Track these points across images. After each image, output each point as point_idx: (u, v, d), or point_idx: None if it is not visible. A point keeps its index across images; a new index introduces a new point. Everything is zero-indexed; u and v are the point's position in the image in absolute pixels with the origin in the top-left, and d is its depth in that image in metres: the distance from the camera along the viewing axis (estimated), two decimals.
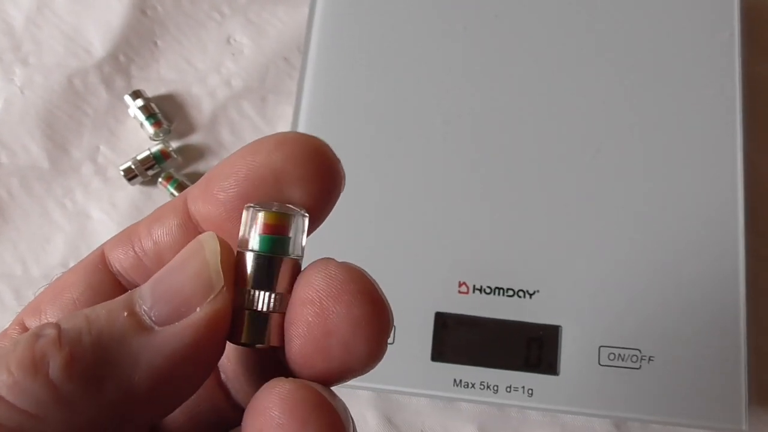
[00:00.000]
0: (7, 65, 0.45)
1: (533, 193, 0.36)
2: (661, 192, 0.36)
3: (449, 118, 0.38)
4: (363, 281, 0.16)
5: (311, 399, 0.15)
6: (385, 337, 0.16)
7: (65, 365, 0.15)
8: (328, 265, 0.16)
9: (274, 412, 0.15)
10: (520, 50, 0.39)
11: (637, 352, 0.34)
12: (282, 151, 0.17)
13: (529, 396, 0.34)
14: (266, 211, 0.17)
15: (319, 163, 0.17)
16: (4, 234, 0.42)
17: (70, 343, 0.15)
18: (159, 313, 0.16)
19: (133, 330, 0.15)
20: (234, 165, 0.17)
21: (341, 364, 0.16)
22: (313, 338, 0.16)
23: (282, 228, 0.17)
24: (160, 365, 0.15)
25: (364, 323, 0.16)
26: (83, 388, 0.15)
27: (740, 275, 0.35)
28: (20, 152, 0.43)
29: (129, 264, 0.18)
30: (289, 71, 0.45)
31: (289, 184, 0.17)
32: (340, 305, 0.16)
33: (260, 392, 0.16)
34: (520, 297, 0.35)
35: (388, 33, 0.39)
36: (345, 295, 0.16)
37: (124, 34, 0.45)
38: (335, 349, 0.16)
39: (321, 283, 0.16)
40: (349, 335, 0.16)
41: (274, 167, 0.17)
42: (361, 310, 0.16)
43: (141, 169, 0.42)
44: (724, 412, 0.33)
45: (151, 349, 0.15)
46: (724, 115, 0.37)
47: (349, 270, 0.16)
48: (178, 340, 0.15)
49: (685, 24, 0.39)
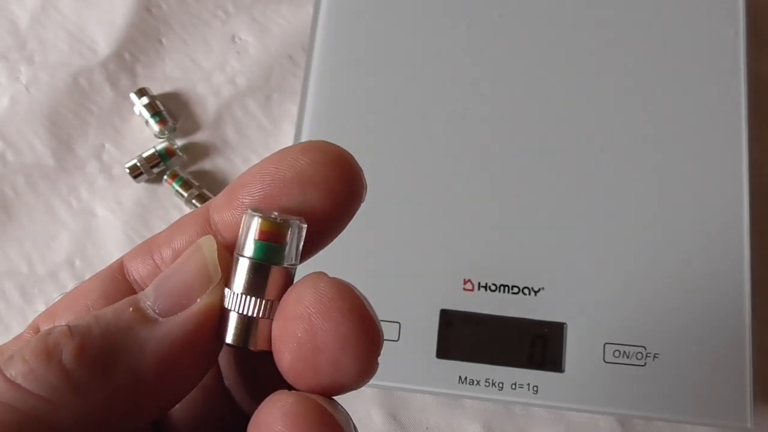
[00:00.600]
0: (13, 64, 0.45)
1: (538, 192, 0.36)
2: (666, 190, 0.36)
3: (454, 116, 0.38)
4: (352, 298, 0.16)
5: (313, 412, 0.15)
6: (374, 355, 0.16)
7: (77, 352, 0.16)
8: (318, 280, 0.17)
9: (278, 427, 0.15)
10: (524, 49, 0.39)
11: (642, 350, 0.34)
12: (307, 156, 0.17)
13: (534, 393, 0.34)
14: (263, 219, 0.17)
15: (342, 169, 0.17)
16: (10, 232, 0.42)
17: (80, 333, 0.16)
18: (162, 305, 0.17)
19: (138, 321, 0.16)
20: (260, 171, 0.18)
21: (332, 381, 0.16)
22: (303, 354, 0.16)
23: (278, 236, 0.17)
24: (164, 352, 0.16)
25: (352, 341, 0.16)
26: (94, 373, 0.16)
27: (745, 273, 0.35)
28: (26, 150, 0.43)
29: (147, 273, 0.19)
30: (294, 70, 0.45)
31: (313, 188, 0.17)
32: (328, 322, 0.16)
33: (263, 406, 0.16)
34: (525, 294, 0.35)
35: (393, 32, 0.39)
36: (333, 312, 0.16)
37: (129, 32, 0.45)
38: (324, 366, 0.16)
39: (310, 299, 0.16)
40: (338, 353, 0.16)
41: (299, 171, 0.17)
42: (349, 328, 0.16)
43: (146, 166, 0.42)
44: (729, 409, 0.33)
45: (155, 337, 0.16)
46: (728, 114, 0.37)
47: (338, 286, 0.16)
48: (180, 328, 0.16)
49: (691, 22, 0.39)
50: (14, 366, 0.16)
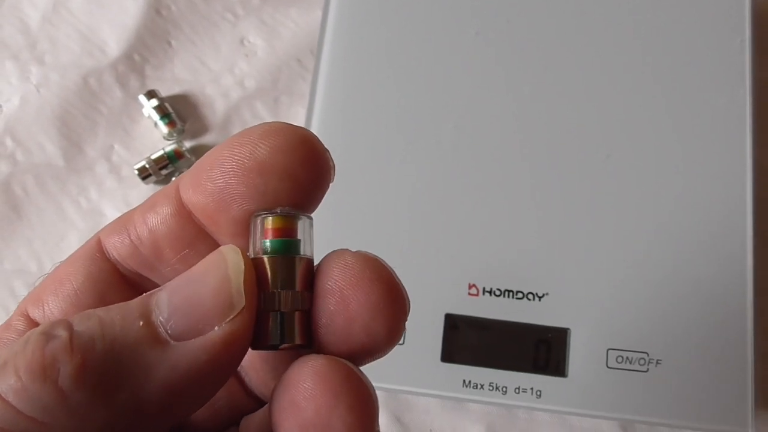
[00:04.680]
0: (24, 64, 0.45)
1: (543, 198, 0.37)
2: (670, 196, 0.36)
3: (460, 121, 0.38)
4: (379, 268, 0.17)
5: (343, 372, 0.16)
6: (403, 319, 0.17)
7: (76, 373, 0.14)
8: (344, 255, 0.17)
9: (307, 384, 0.15)
10: (531, 56, 0.39)
11: (644, 355, 0.34)
12: (267, 142, 0.17)
13: (538, 397, 0.34)
14: (273, 216, 0.17)
15: (304, 155, 0.17)
16: (19, 231, 0.42)
17: (82, 349, 0.14)
18: (175, 326, 0.15)
19: (148, 342, 0.15)
20: (220, 155, 0.17)
21: (362, 348, 0.17)
22: (336, 326, 0.16)
23: (290, 230, 0.17)
24: (173, 380, 0.15)
25: (383, 307, 0.16)
26: (93, 397, 0.14)
27: (748, 280, 0.35)
28: (36, 150, 0.44)
29: (126, 252, 0.18)
30: (302, 73, 0.45)
31: (274, 177, 0.17)
32: (359, 292, 0.16)
33: (292, 367, 0.16)
34: (530, 300, 0.35)
35: (401, 36, 0.40)
36: (363, 282, 0.16)
37: (139, 34, 0.46)
38: (357, 334, 0.16)
39: (339, 274, 0.17)
40: (370, 319, 0.16)
41: (259, 159, 0.17)
42: (380, 295, 0.16)
43: (155, 168, 0.42)
44: (731, 415, 0.33)
45: (165, 363, 0.15)
46: (734, 121, 0.37)
47: (365, 258, 0.17)
48: (193, 358, 0.15)
49: (697, 30, 0.39)
50: (6, 379, 0.14)
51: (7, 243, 0.42)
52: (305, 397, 0.15)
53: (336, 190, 0.39)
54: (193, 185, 0.17)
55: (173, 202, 0.18)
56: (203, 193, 0.17)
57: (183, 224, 0.18)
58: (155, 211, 0.18)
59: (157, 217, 0.18)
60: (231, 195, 0.17)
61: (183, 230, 0.18)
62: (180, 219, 0.18)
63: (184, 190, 0.18)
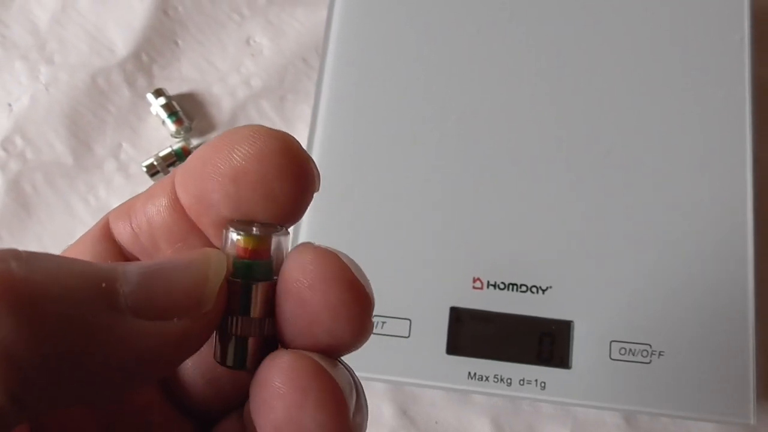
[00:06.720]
0: (33, 63, 0.46)
1: (547, 192, 0.37)
2: (672, 190, 0.37)
3: (465, 117, 0.38)
4: (337, 266, 0.16)
5: (310, 368, 0.15)
6: (367, 317, 0.16)
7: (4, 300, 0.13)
8: (304, 252, 0.16)
9: (276, 382, 0.15)
10: (533, 54, 0.39)
11: (647, 347, 0.35)
12: (242, 147, 0.16)
13: (542, 389, 0.35)
14: (242, 236, 0.16)
15: (282, 163, 0.16)
16: (29, 228, 0.43)
17: (23, 283, 0.13)
18: (136, 302, 0.15)
19: (103, 306, 0.14)
20: (203, 155, 0.16)
21: (329, 347, 0.16)
22: (300, 328, 0.16)
23: (260, 252, 0.16)
24: (118, 351, 0.14)
25: (342, 308, 0.16)
26: (30, 335, 0.13)
27: (749, 272, 0.35)
28: (45, 148, 0.44)
29: (128, 239, 0.18)
30: (308, 72, 0.46)
31: (247, 186, 0.16)
32: (317, 294, 0.16)
33: (263, 365, 0.16)
34: (533, 293, 0.36)
35: (405, 35, 0.40)
36: (320, 283, 0.16)
37: (146, 34, 0.46)
38: (320, 335, 0.16)
39: (297, 274, 0.16)
40: (330, 321, 0.16)
41: (234, 165, 0.16)
42: (338, 296, 0.16)
43: (163, 165, 0.43)
44: (733, 406, 0.34)
45: (115, 332, 0.14)
46: (734, 117, 0.38)
47: (323, 255, 0.16)
48: (144, 337, 0.15)
49: (696, 27, 0.39)
50: None
51: (17, 240, 0.43)
52: (275, 395, 0.15)
53: (342, 185, 0.40)
54: (179, 183, 0.17)
55: (168, 194, 0.18)
56: (187, 193, 0.17)
57: (177, 218, 0.18)
58: (153, 202, 0.18)
59: (154, 208, 0.18)
60: (209, 200, 0.16)
61: (177, 224, 0.18)
62: (174, 213, 0.18)
63: (177, 184, 0.18)
